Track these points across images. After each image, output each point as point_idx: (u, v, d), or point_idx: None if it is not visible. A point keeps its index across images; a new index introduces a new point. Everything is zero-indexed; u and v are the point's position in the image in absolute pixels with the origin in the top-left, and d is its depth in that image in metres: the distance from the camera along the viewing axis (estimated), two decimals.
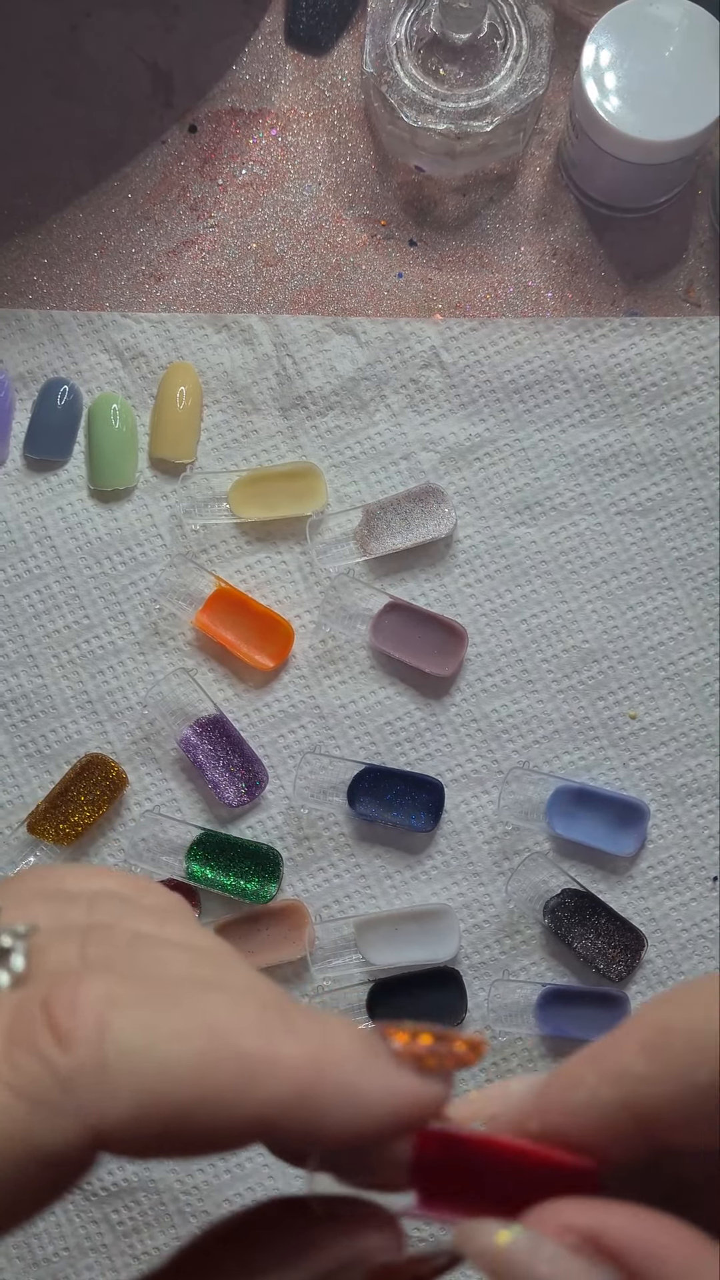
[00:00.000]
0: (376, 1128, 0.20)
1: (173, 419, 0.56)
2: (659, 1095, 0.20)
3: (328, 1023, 0.21)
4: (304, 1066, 0.20)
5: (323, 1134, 0.20)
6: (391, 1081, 0.21)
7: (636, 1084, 0.20)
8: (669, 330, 0.56)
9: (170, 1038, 0.19)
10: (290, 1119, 0.19)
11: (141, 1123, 0.19)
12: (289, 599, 0.56)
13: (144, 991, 0.20)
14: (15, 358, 0.57)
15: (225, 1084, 0.19)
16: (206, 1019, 0.20)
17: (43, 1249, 0.53)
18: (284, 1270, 0.20)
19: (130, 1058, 0.19)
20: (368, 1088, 0.20)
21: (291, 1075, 0.20)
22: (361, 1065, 0.21)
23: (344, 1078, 0.20)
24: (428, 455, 0.56)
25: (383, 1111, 0.20)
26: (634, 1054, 0.21)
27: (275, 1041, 0.20)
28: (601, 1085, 0.21)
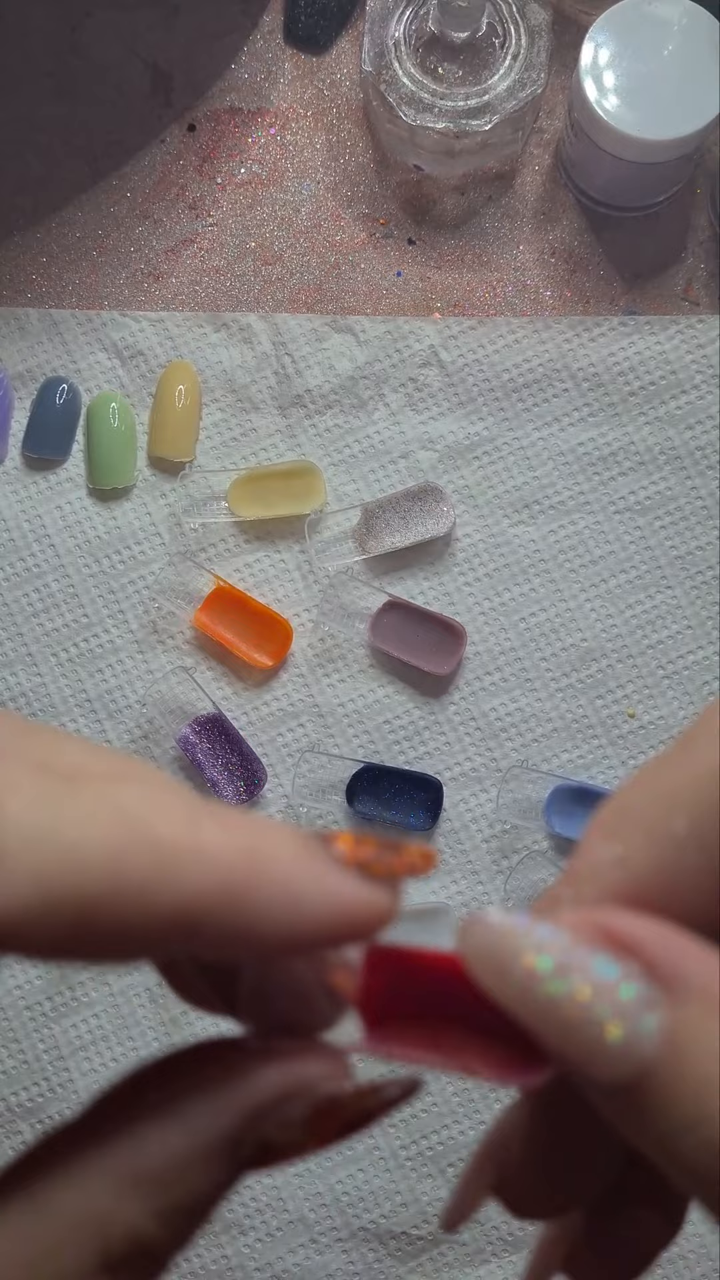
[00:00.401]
0: (316, 932, 0.18)
1: (171, 418, 0.56)
2: (640, 868, 0.18)
3: (260, 820, 0.18)
4: (233, 858, 0.17)
5: (255, 936, 0.17)
6: (334, 883, 0.18)
7: (612, 870, 0.18)
8: (668, 329, 0.56)
9: (76, 822, 0.17)
10: (217, 916, 0.17)
11: (47, 912, 0.16)
12: (288, 597, 0.56)
13: (44, 779, 0.17)
14: (14, 356, 0.57)
15: (142, 872, 0.17)
16: (119, 804, 0.17)
17: None
18: (215, 1102, 0.18)
19: (31, 843, 0.16)
20: (306, 886, 0.18)
21: (218, 866, 0.17)
22: (299, 863, 0.18)
23: (279, 873, 0.18)
24: (426, 454, 0.56)
25: (324, 913, 0.18)
26: (600, 843, 0.19)
27: (200, 831, 0.17)
28: (580, 890, 0.19)
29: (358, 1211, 0.53)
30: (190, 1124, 0.18)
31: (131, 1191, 0.17)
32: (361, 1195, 0.53)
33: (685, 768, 0.18)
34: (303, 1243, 0.53)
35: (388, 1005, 0.20)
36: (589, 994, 0.16)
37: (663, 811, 0.18)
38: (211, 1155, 0.18)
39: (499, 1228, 0.53)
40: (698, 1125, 0.15)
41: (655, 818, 0.18)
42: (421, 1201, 0.53)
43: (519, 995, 0.17)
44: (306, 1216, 0.53)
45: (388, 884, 0.19)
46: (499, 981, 0.17)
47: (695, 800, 0.18)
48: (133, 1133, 0.18)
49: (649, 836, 0.18)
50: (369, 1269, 0.53)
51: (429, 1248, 0.53)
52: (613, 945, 0.17)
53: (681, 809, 0.18)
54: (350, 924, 0.18)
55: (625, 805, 0.19)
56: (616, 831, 0.19)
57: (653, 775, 0.19)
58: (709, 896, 0.18)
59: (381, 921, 0.19)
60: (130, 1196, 0.17)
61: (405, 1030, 0.20)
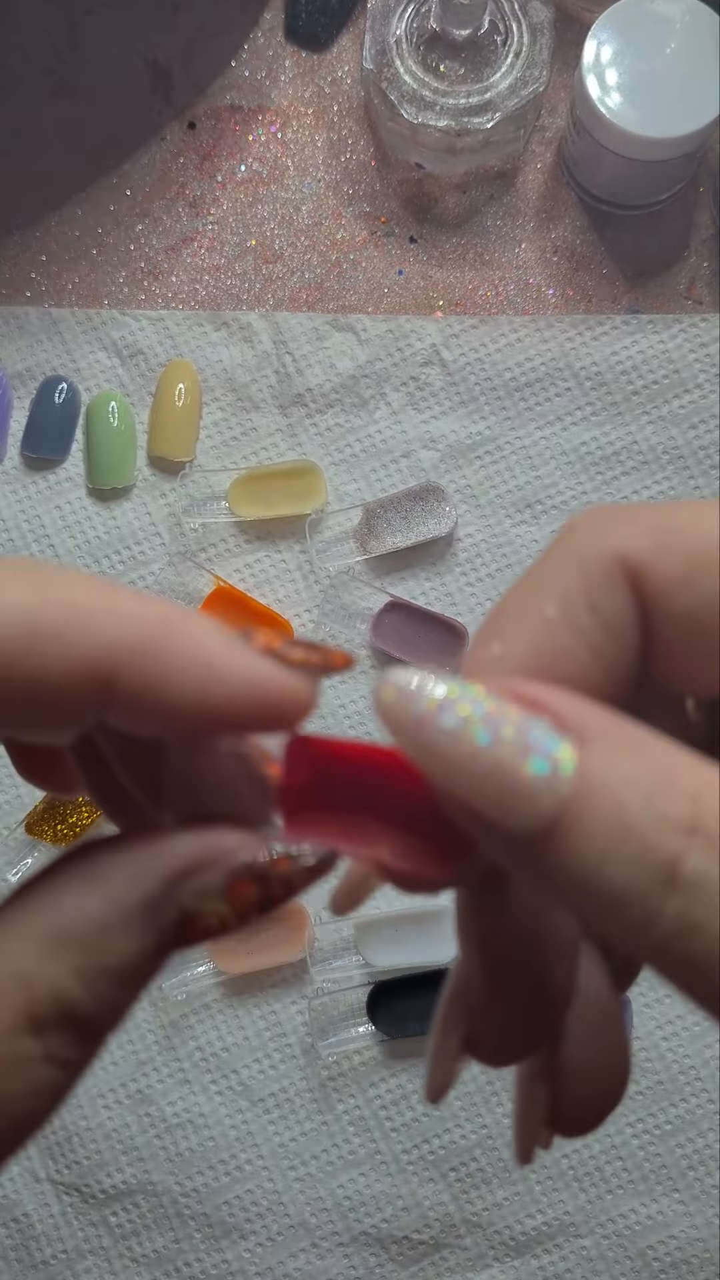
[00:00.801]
0: (230, 702, 0.18)
1: (171, 417, 0.56)
2: (519, 657, 0.19)
3: (178, 604, 0.19)
4: (148, 618, 0.18)
5: (170, 699, 0.18)
6: (249, 659, 0.19)
7: (494, 665, 0.19)
8: (670, 328, 0.56)
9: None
10: (132, 670, 0.18)
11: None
12: (288, 598, 0.55)
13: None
14: (13, 355, 0.57)
15: (58, 623, 0.17)
16: (37, 574, 0.18)
17: (40, 1251, 0.53)
18: (132, 868, 0.18)
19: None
20: (220, 653, 0.18)
21: (133, 621, 0.18)
22: (214, 634, 0.19)
23: (194, 637, 0.18)
24: (428, 453, 0.56)
25: (240, 683, 0.18)
26: (481, 646, 0.20)
27: (115, 596, 0.18)
28: (506, 645, 0.19)
29: (359, 1216, 0.53)
30: (109, 888, 0.18)
31: (53, 951, 0.18)
32: (363, 1199, 0.53)
33: (547, 567, 0.20)
34: (304, 1247, 0.53)
35: (308, 798, 0.20)
36: (504, 738, 0.17)
37: (533, 604, 0.19)
38: (130, 918, 0.18)
39: (500, 1233, 0.52)
40: (620, 844, 0.16)
41: (527, 611, 0.19)
42: (423, 1206, 0.53)
43: (435, 749, 0.17)
44: (307, 1221, 0.53)
45: (306, 674, 0.19)
46: (414, 738, 0.17)
47: (561, 587, 0.19)
48: (54, 898, 0.18)
49: (524, 629, 0.19)
50: (370, 1273, 0.52)
51: (430, 1252, 0.52)
52: (520, 703, 0.17)
53: (549, 596, 0.19)
54: (265, 703, 0.19)
55: (500, 609, 0.20)
56: (497, 632, 0.20)
57: (523, 581, 0.20)
58: (586, 670, 0.19)
59: (298, 709, 0.19)
60: (52, 957, 0.18)
61: (323, 822, 0.20)
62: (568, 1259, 0.52)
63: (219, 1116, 0.53)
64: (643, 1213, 0.52)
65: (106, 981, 0.18)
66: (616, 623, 0.19)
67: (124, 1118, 0.53)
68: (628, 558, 0.19)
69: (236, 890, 0.19)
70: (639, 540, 0.19)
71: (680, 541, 0.19)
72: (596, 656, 0.19)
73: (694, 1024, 0.53)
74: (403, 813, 0.19)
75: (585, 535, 0.19)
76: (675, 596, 0.19)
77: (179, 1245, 0.53)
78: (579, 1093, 0.22)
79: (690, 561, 0.19)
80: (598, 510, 0.20)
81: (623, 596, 0.19)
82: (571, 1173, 0.53)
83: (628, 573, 0.19)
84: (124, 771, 0.21)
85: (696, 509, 0.19)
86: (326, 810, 0.20)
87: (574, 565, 0.19)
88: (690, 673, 0.20)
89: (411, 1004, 0.53)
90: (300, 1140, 0.53)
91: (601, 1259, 0.52)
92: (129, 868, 0.18)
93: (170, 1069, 0.54)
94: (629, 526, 0.19)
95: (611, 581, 0.19)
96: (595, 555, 0.19)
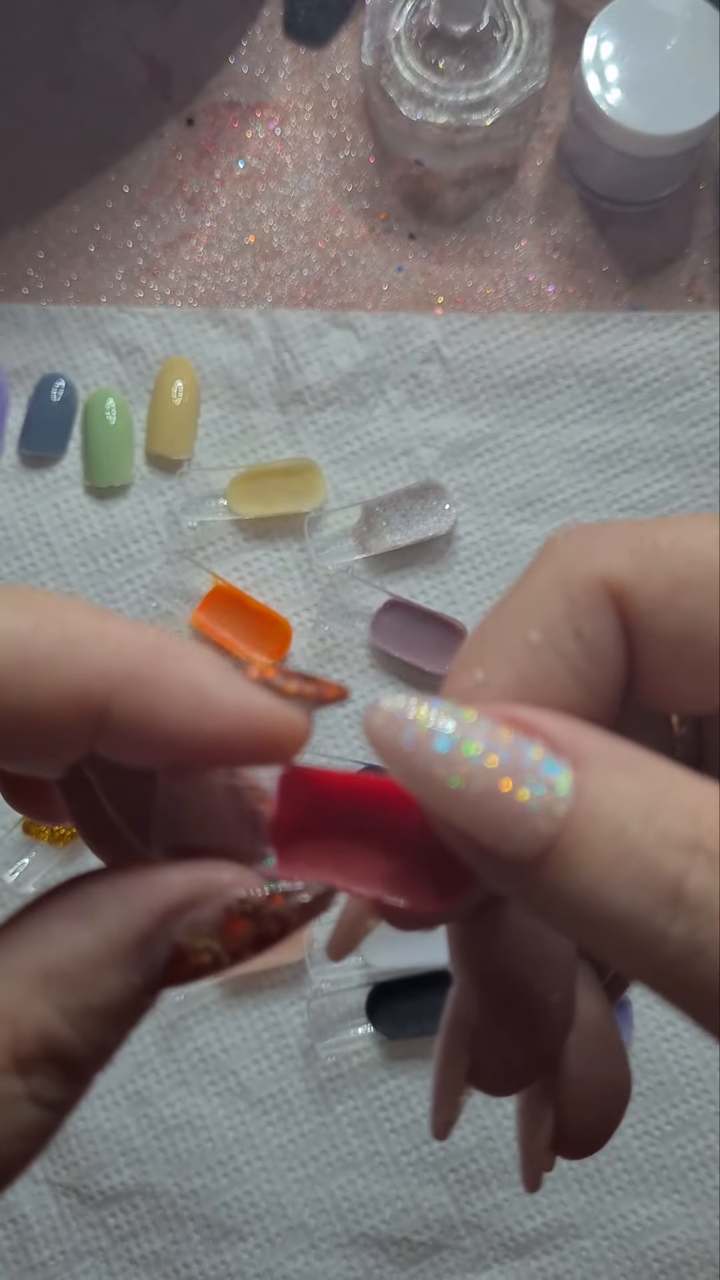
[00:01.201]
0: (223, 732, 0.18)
1: (170, 414, 0.55)
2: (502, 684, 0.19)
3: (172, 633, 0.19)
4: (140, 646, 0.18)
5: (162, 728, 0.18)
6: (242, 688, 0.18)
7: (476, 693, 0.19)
8: (671, 325, 0.56)
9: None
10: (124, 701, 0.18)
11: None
12: (287, 596, 0.55)
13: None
14: (10, 353, 0.56)
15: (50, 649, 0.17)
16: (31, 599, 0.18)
17: (39, 1253, 0.52)
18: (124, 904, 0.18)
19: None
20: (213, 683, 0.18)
21: (125, 651, 0.18)
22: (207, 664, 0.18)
23: (186, 667, 0.18)
24: (428, 451, 0.56)
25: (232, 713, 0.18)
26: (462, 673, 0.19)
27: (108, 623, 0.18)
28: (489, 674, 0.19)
29: (358, 1217, 0.52)
30: (99, 924, 0.18)
31: (41, 989, 0.17)
32: (362, 1200, 0.52)
33: (529, 590, 0.19)
34: (303, 1248, 0.52)
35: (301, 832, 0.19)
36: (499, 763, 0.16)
37: (516, 629, 0.19)
38: (121, 955, 0.18)
39: (500, 1234, 0.52)
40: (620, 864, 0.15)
41: (510, 636, 0.19)
42: (423, 1207, 0.52)
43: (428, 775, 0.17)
44: (306, 1222, 0.52)
45: (298, 705, 0.19)
46: (406, 764, 0.17)
47: (543, 610, 0.19)
48: (41, 933, 0.18)
49: (506, 654, 0.19)
50: (369, 1275, 0.52)
51: (430, 1254, 0.52)
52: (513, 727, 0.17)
53: (532, 621, 0.19)
54: (258, 734, 0.18)
55: (481, 635, 0.20)
56: (477, 660, 0.19)
57: (502, 605, 0.20)
58: (571, 695, 0.19)
59: (292, 741, 0.19)
60: (39, 994, 0.17)
61: (317, 857, 0.19)
62: (568, 1260, 0.52)
63: (218, 1118, 0.53)
64: (643, 1214, 0.52)
65: (94, 1020, 0.18)
66: (601, 646, 0.19)
67: (122, 1119, 0.53)
68: (611, 579, 0.19)
69: (230, 927, 0.18)
70: (622, 561, 0.19)
71: (664, 560, 0.19)
72: (581, 681, 0.19)
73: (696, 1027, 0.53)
74: (398, 846, 0.19)
75: (567, 557, 0.19)
76: (660, 616, 0.19)
77: (177, 1247, 0.53)
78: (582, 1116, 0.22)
79: (674, 581, 0.19)
80: (578, 530, 0.20)
81: (607, 619, 0.19)
82: (572, 1174, 0.53)
83: (611, 594, 0.19)
84: (111, 804, 0.20)
85: (678, 526, 0.19)
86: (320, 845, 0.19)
87: (556, 588, 0.19)
88: (676, 692, 0.19)
89: (411, 1005, 0.52)
90: (299, 1141, 0.53)
91: (602, 1260, 0.52)
92: (120, 903, 0.18)
93: (169, 1070, 0.53)
94: (611, 547, 0.19)
95: (595, 604, 0.19)
96: (578, 578, 0.19)
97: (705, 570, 0.18)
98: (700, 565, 0.18)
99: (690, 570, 0.18)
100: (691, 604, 0.18)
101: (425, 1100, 0.53)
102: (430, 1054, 0.53)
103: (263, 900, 0.18)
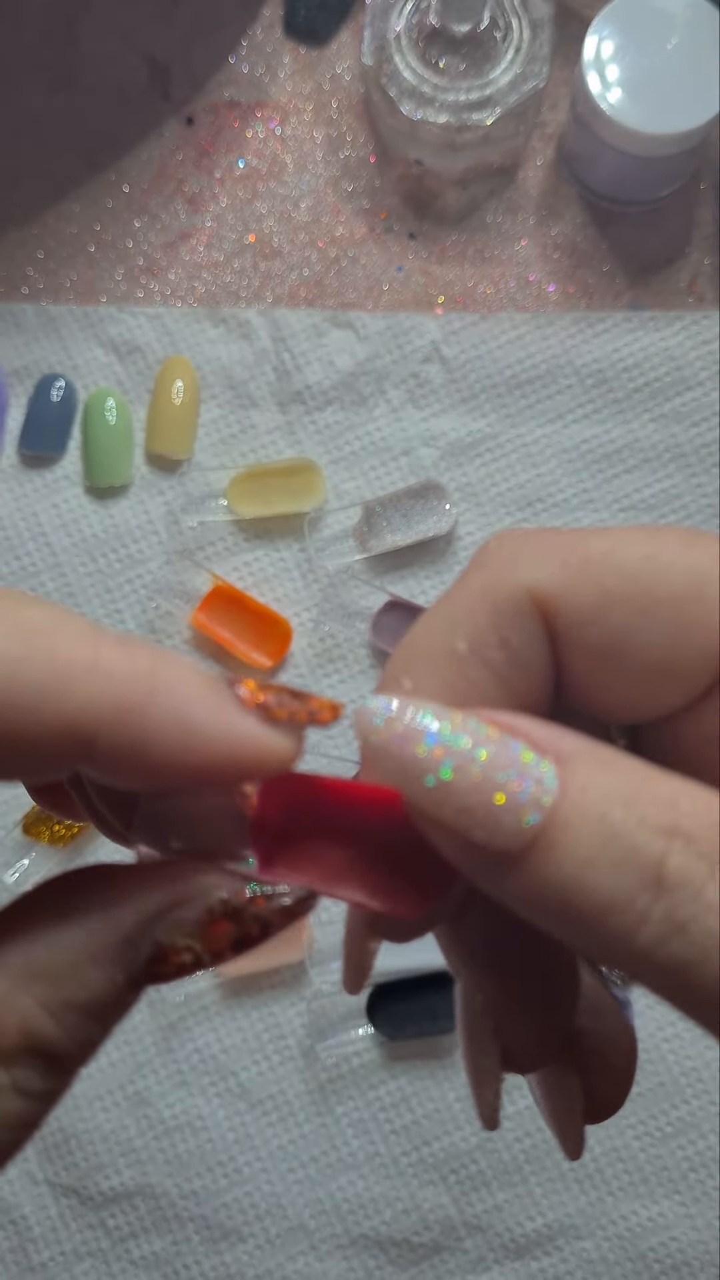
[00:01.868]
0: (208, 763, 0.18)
1: (169, 414, 0.55)
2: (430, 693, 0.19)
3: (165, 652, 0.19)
4: (129, 678, 0.18)
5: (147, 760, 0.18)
6: (232, 718, 0.18)
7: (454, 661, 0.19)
8: (672, 325, 0.56)
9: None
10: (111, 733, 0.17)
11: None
12: (287, 597, 0.55)
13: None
14: (10, 353, 0.56)
15: (37, 682, 0.17)
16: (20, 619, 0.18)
17: (38, 1254, 0.52)
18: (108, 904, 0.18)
19: None
20: (202, 716, 0.18)
21: (114, 683, 0.18)
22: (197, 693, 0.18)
23: (176, 699, 0.18)
24: (428, 451, 0.55)
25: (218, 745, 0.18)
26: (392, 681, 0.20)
27: (99, 650, 0.18)
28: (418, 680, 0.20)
29: (358, 1218, 0.52)
30: (83, 923, 0.18)
31: (24, 984, 0.18)
32: (362, 1202, 0.52)
33: (458, 599, 0.20)
34: (302, 1250, 0.52)
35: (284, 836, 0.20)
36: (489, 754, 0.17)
37: (443, 639, 0.19)
38: (104, 952, 0.18)
39: (501, 1235, 0.52)
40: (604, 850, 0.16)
41: (438, 646, 0.19)
42: (423, 1209, 0.52)
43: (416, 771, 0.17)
44: (306, 1223, 0.52)
45: (290, 730, 0.19)
46: (395, 762, 0.18)
47: (471, 621, 0.19)
48: (26, 931, 0.18)
49: (434, 663, 0.19)
50: (369, 1276, 0.52)
51: (430, 1255, 0.52)
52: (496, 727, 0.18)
53: (459, 630, 0.19)
54: (245, 762, 0.19)
55: (411, 643, 0.20)
56: (406, 668, 0.20)
57: (432, 614, 0.20)
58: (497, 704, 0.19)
59: (279, 765, 0.19)
60: (21, 989, 0.18)
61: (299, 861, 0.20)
62: (568, 1261, 0.52)
63: (217, 1119, 0.53)
64: (644, 1215, 0.52)
65: (76, 1016, 0.18)
66: (526, 656, 0.19)
67: (122, 1120, 0.53)
68: (538, 590, 0.19)
69: (211, 928, 0.19)
70: (550, 572, 0.19)
71: (593, 574, 0.19)
72: (507, 690, 0.19)
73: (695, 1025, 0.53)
74: (379, 851, 0.19)
75: (496, 566, 0.19)
76: (586, 628, 0.19)
77: (177, 1248, 0.52)
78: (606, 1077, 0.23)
79: (602, 595, 0.19)
80: (510, 536, 0.20)
81: (533, 629, 0.19)
82: (572, 1174, 0.52)
83: (538, 605, 0.19)
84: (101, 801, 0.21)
85: (610, 538, 0.19)
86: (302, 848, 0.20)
87: (483, 597, 0.19)
88: (603, 700, 0.20)
89: (411, 1006, 0.52)
90: (299, 1142, 0.53)
91: (602, 1261, 0.52)
92: (105, 903, 0.18)
93: (168, 1071, 0.53)
94: (541, 557, 0.19)
95: (521, 615, 0.19)
96: (505, 588, 0.19)
97: (632, 585, 0.19)
98: (628, 580, 0.19)
99: (618, 584, 0.19)
100: (617, 619, 0.19)
101: (426, 1101, 0.53)
102: (430, 1054, 0.53)
103: (244, 902, 0.19)
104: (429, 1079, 0.53)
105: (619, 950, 0.16)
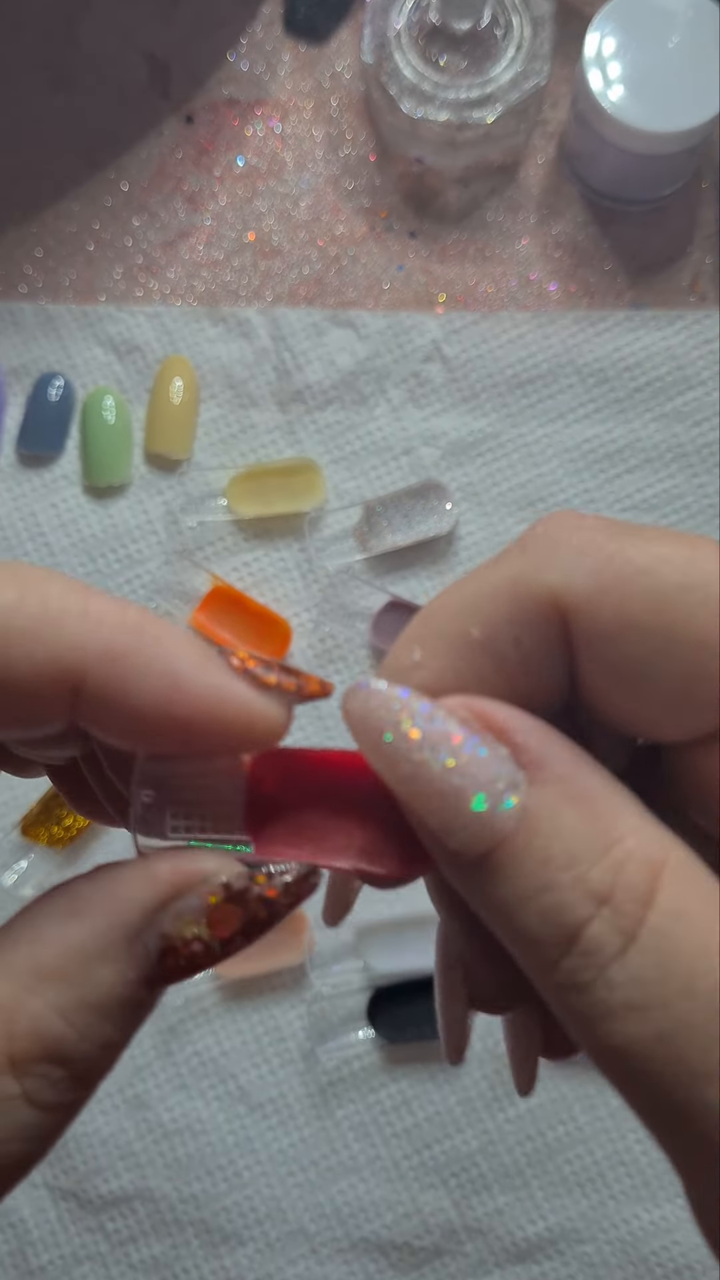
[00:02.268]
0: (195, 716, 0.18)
1: (169, 414, 0.55)
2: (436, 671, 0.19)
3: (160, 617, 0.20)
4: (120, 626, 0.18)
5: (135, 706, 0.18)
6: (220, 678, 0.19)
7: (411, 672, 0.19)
8: (674, 324, 0.55)
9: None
10: (99, 676, 0.18)
11: None
12: (287, 597, 0.55)
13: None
14: (8, 352, 0.56)
15: (30, 623, 0.18)
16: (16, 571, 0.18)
17: (37, 1257, 0.52)
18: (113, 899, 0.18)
19: None
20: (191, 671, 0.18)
21: (104, 629, 0.18)
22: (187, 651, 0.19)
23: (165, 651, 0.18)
24: (429, 450, 0.55)
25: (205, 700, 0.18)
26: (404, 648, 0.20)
27: (91, 600, 0.18)
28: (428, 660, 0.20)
29: (359, 1222, 0.52)
30: (90, 920, 0.18)
31: (34, 987, 0.18)
32: (363, 1205, 0.52)
33: (486, 580, 0.19)
34: (303, 1254, 0.52)
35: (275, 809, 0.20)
36: (456, 764, 0.17)
37: (461, 620, 0.19)
38: (111, 948, 0.18)
39: (502, 1239, 0.52)
40: (538, 895, 0.17)
41: (454, 626, 0.19)
42: (424, 1212, 0.52)
43: (392, 760, 0.18)
44: (307, 1227, 0.52)
45: (278, 698, 0.19)
46: (374, 746, 0.18)
47: (490, 610, 0.19)
48: (33, 933, 0.18)
49: (447, 642, 0.19)
50: None
51: (431, 1259, 0.52)
52: (484, 726, 0.18)
53: (477, 618, 0.19)
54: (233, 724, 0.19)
55: (430, 614, 0.20)
56: (420, 639, 0.20)
57: (458, 588, 0.20)
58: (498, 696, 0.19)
59: (267, 732, 0.19)
60: (33, 992, 0.17)
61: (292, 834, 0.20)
62: (570, 1265, 0.52)
63: (217, 1122, 0.53)
64: (645, 1219, 0.52)
65: (89, 1015, 0.18)
66: (537, 661, 0.19)
67: (121, 1123, 0.53)
68: (562, 597, 0.18)
69: (216, 914, 0.19)
70: (579, 578, 0.18)
71: (620, 592, 0.18)
72: (511, 686, 0.19)
73: None
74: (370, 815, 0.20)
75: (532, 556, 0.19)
76: (602, 647, 0.18)
77: (176, 1252, 0.52)
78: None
79: (621, 620, 0.18)
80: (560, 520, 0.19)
81: (548, 635, 0.19)
82: (574, 1178, 0.52)
83: (560, 613, 0.19)
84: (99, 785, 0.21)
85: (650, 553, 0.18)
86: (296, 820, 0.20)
87: (508, 589, 0.19)
88: (618, 716, 0.19)
89: (412, 1009, 0.52)
90: (299, 1146, 0.52)
91: (604, 1265, 0.52)
92: (108, 898, 0.18)
93: (168, 1074, 0.53)
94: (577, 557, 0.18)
95: (539, 619, 0.19)
96: (530, 585, 0.19)
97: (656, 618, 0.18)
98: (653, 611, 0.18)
99: (642, 611, 0.18)
100: (633, 647, 0.18)
101: (427, 1104, 0.53)
102: (432, 1058, 0.53)
103: (246, 883, 0.19)
104: (430, 1082, 0.53)
105: (537, 978, 0.17)
